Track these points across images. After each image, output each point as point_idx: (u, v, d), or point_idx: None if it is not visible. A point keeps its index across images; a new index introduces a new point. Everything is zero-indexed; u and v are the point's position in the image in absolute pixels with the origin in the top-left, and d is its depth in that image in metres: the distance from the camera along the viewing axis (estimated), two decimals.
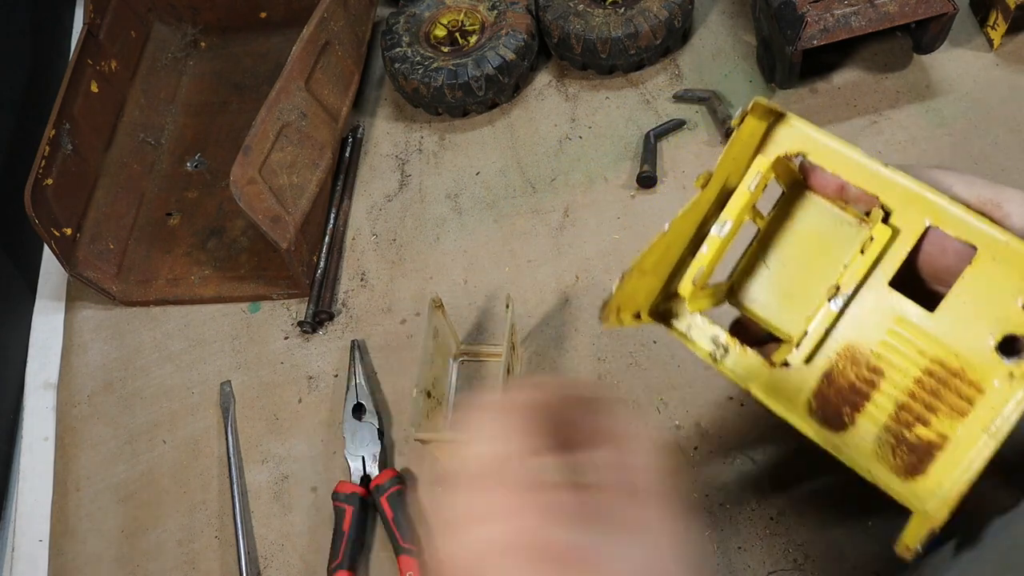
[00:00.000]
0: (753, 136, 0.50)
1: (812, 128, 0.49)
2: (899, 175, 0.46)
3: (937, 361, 0.46)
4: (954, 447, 0.45)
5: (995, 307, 0.45)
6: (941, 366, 0.46)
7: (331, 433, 0.74)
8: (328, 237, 0.83)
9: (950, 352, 0.46)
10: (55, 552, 0.73)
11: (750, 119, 0.49)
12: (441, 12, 0.90)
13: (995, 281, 0.45)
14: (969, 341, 0.46)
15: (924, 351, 0.47)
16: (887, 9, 0.75)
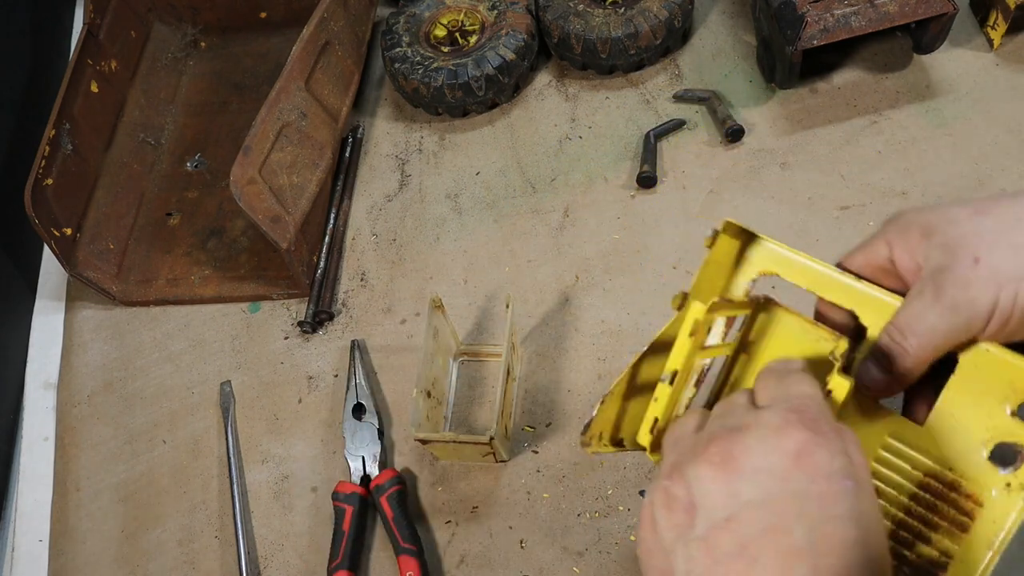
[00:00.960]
0: (727, 254, 0.49)
1: (783, 248, 0.49)
2: (873, 289, 0.46)
3: (931, 475, 0.45)
4: (959, 564, 0.44)
5: (983, 416, 0.44)
6: (936, 480, 0.45)
7: (331, 433, 0.74)
8: (328, 237, 0.83)
9: (944, 465, 0.45)
10: (55, 552, 0.73)
11: (723, 238, 0.48)
12: (441, 12, 0.90)
13: (980, 390, 0.44)
14: (961, 453, 0.45)
15: (918, 465, 0.46)
16: (887, 9, 0.75)
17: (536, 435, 0.71)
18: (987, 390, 0.44)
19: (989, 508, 0.43)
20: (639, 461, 0.68)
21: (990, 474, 0.44)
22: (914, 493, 0.45)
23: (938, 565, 0.44)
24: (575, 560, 0.65)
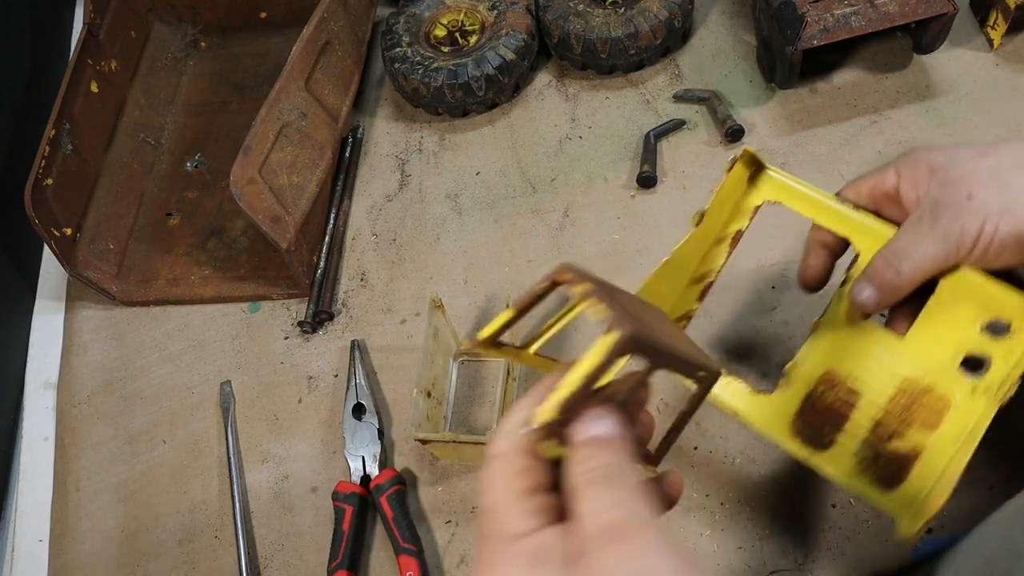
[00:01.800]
0: (740, 179, 0.58)
1: (788, 178, 0.58)
2: (868, 218, 0.55)
3: (908, 380, 0.53)
4: (929, 456, 0.51)
5: (957, 332, 0.52)
6: (912, 384, 0.52)
7: (331, 433, 0.74)
8: (328, 237, 0.83)
9: (919, 372, 0.53)
10: (55, 552, 0.73)
11: (739, 164, 0.57)
12: (441, 12, 0.90)
13: (956, 310, 0.52)
14: (936, 362, 0.52)
15: (896, 371, 0.53)
16: (887, 9, 0.75)
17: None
18: (962, 309, 0.52)
19: (956, 409, 0.51)
20: None
21: (959, 381, 0.52)
22: (892, 396, 0.53)
23: (910, 457, 0.51)
24: None
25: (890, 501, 0.50)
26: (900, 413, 0.52)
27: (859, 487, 0.51)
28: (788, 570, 0.62)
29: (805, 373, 0.55)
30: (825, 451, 0.53)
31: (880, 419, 0.53)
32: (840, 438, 0.53)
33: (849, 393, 0.54)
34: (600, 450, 0.34)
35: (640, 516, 0.32)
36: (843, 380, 0.54)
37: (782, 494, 0.65)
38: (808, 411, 0.54)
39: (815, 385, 0.55)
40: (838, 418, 0.53)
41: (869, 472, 0.52)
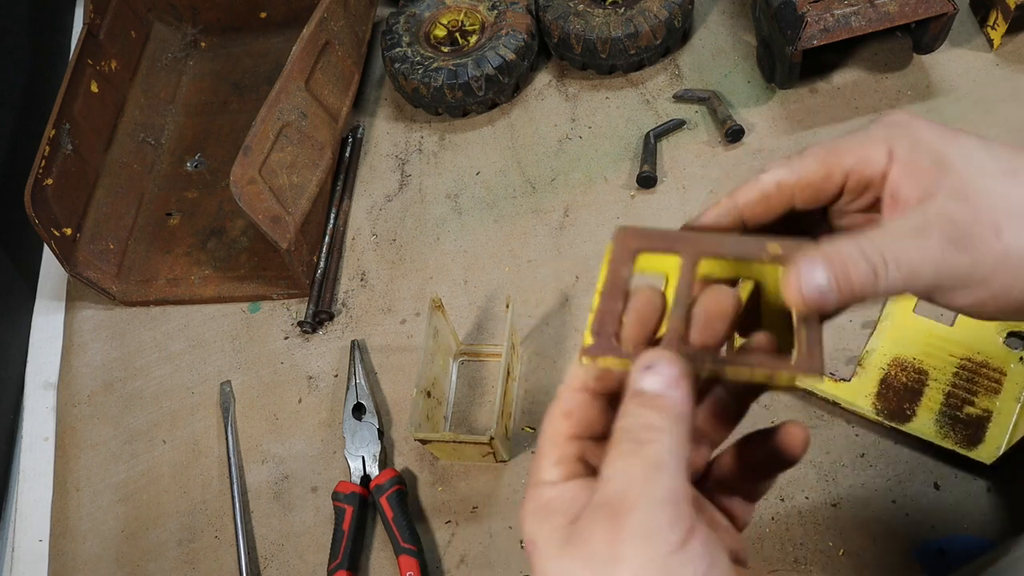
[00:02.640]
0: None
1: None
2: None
3: (965, 359, 0.66)
4: (999, 415, 0.63)
5: None
6: (969, 361, 0.66)
7: (331, 433, 0.74)
8: (328, 237, 0.83)
9: (972, 351, 0.66)
10: (55, 552, 0.73)
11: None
12: (441, 12, 0.90)
13: None
14: (984, 342, 0.66)
15: (953, 353, 0.66)
16: (887, 9, 0.75)
17: (536, 435, 0.71)
18: None
19: (1011, 375, 0.65)
20: None
21: (1008, 354, 0.65)
22: (955, 371, 0.65)
23: (984, 418, 0.63)
24: None
25: (979, 454, 0.62)
26: (966, 385, 0.65)
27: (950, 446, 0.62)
28: (788, 570, 0.62)
29: (877, 361, 0.67)
30: (909, 422, 0.64)
31: (950, 391, 0.65)
32: (920, 411, 0.65)
33: (919, 373, 0.66)
34: (644, 409, 0.31)
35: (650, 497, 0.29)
36: (911, 363, 0.67)
37: (782, 494, 0.65)
38: (886, 391, 0.66)
39: (888, 369, 0.67)
40: (914, 394, 0.65)
41: (951, 436, 0.63)
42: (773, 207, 0.38)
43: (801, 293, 0.34)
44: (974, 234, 0.34)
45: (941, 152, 0.36)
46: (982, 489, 0.63)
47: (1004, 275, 0.34)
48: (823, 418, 0.68)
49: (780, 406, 0.68)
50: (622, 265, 0.35)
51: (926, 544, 0.61)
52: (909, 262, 0.34)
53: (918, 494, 0.63)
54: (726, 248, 0.36)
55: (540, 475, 0.33)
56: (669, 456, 0.30)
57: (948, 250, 0.34)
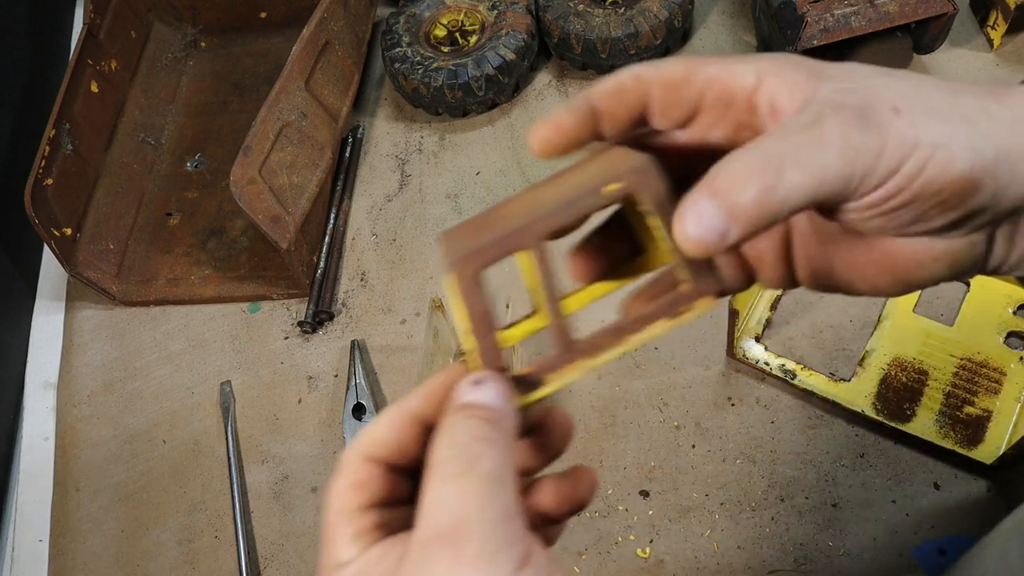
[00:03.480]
0: None
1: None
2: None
3: (965, 359, 0.66)
4: (999, 415, 0.64)
5: (993, 317, 0.67)
6: (970, 361, 0.66)
7: (331, 433, 0.74)
8: (328, 237, 0.83)
9: (972, 351, 0.67)
10: (55, 552, 0.73)
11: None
12: (441, 12, 0.90)
13: (987, 301, 0.68)
14: (984, 342, 0.67)
15: (953, 353, 0.67)
16: (887, 9, 0.75)
17: None
18: (993, 299, 0.68)
19: (1011, 375, 0.65)
20: (639, 461, 0.68)
21: (1008, 354, 0.66)
22: (955, 371, 0.66)
23: (984, 418, 0.64)
24: (575, 560, 0.65)
25: (979, 454, 0.62)
26: (966, 385, 0.65)
27: (950, 446, 0.63)
28: (788, 570, 0.62)
29: (877, 361, 0.68)
30: (909, 422, 0.65)
31: (950, 391, 0.65)
32: (920, 411, 0.65)
33: (919, 373, 0.67)
34: (473, 421, 0.29)
35: (489, 517, 0.27)
36: (911, 363, 0.67)
37: (782, 494, 0.65)
38: (886, 391, 0.66)
39: (888, 369, 0.67)
40: (914, 394, 0.66)
41: (951, 436, 0.63)
42: (628, 101, 0.33)
43: (694, 240, 0.29)
44: (872, 114, 0.30)
45: (813, 66, 0.32)
46: (982, 489, 0.63)
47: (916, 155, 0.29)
48: (823, 418, 0.68)
49: (780, 406, 0.68)
50: (474, 297, 0.32)
51: (926, 544, 0.61)
52: (809, 155, 0.29)
53: (918, 494, 0.63)
54: (562, 213, 0.33)
55: (336, 557, 0.29)
56: (502, 470, 0.28)
57: (850, 131, 0.29)
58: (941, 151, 0.29)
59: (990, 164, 0.29)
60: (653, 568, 0.64)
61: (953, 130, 0.29)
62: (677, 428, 0.69)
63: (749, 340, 0.70)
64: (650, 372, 0.72)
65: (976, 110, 0.30)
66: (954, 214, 0.30)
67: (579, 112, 0.34)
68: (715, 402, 0.70)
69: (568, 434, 0.35)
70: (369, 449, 0.31)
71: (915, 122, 0.30)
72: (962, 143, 0.29)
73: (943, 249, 0.32)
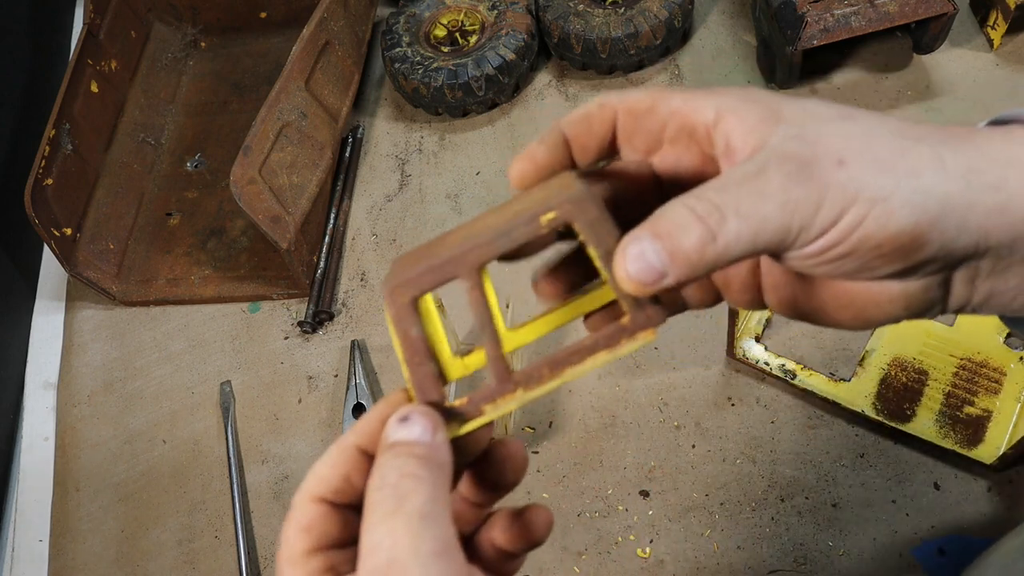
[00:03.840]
0: None
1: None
2: None
3: (965, 359, 0.66)
4: (998, 415, 0.64)
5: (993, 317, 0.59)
6: (970, 361, 0.66)
7: (331, 433, 0.74)
8: (328, 237, 0.83)
9: (972, 351, 0.66)
10: (55, 552, 0.73)
11: None
12: (441, 12, 0.90)
13: None
14: (984, 342, 0.66)
15: (953, 353, 0.67)
16: (887, 9, 0.75)
17: (536, 435, 0.71)
18: None
19: (1011, 375, 0.65)
20: (639, 461, 0.68)
21: (1008, 354, 0.66)
22: (955, 371, 0.66)
23: (984, 418, 0.64)
24: (575, 560, 0.65)
25: (979, 454, 0.62)
26: (966, 385, 0.66)
27: (950, 446, 0.63)
28: (788, 570, 0.62)
29: (877, 361, 0.68)
30: (909, 422, 0.65)
31: (950, 391, 0.65)
32: (920, 411, 0.65)
33: (919, 373, 0.67)
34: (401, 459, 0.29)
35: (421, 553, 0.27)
36: (911, 363, 0.67)
37: (782, 494, 0.65)
38: (886, 391, 0.66)
39: (888, 369, 0.67)
40: (914, 394, 0.66)
41: (951, 435, 0.64)
42: (595, 129, 0.34)
43: (633, 279, 0.30)
44: (815, 167, 0.30)
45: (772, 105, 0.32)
46: (982, 489, 0.63)
47: (855, 209, 0.30)
48: (823, 418, 0.68)
49: (780, 406, 0.68)
50: (409, 325, 0.32)
51: (926, 544, 0.61)
52: (750, 207, 0.30)
53: (918, 494, 0.63)
54: (498, 242, 0.32)
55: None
56: (433, 506, 0.28)
57: (790, 185, 0.30)
58: (880, 206, 0.29)
59: (935, 218, 0.30)
60: (653, 568, 0.64)
61: (895, 184, 0.30)
62: (677, 428, 0.69)
63: (749, 340, 0.70)
64: (650, 372, 0.72)
65: (927, 160, 0.30)
66: (899, 265, 0.31)
67: (550, 143, 0.35)
68: (715, 402, 0.70)
69: (521, 467, 0.34)
70: (315, 488, 0.31)
71: (857, 175, 0.30)
72: (903, 198, 0.30)
73: (899, 291, 0.32)
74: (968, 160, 0.31)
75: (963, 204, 0.30)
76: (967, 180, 0.30)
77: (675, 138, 0.34)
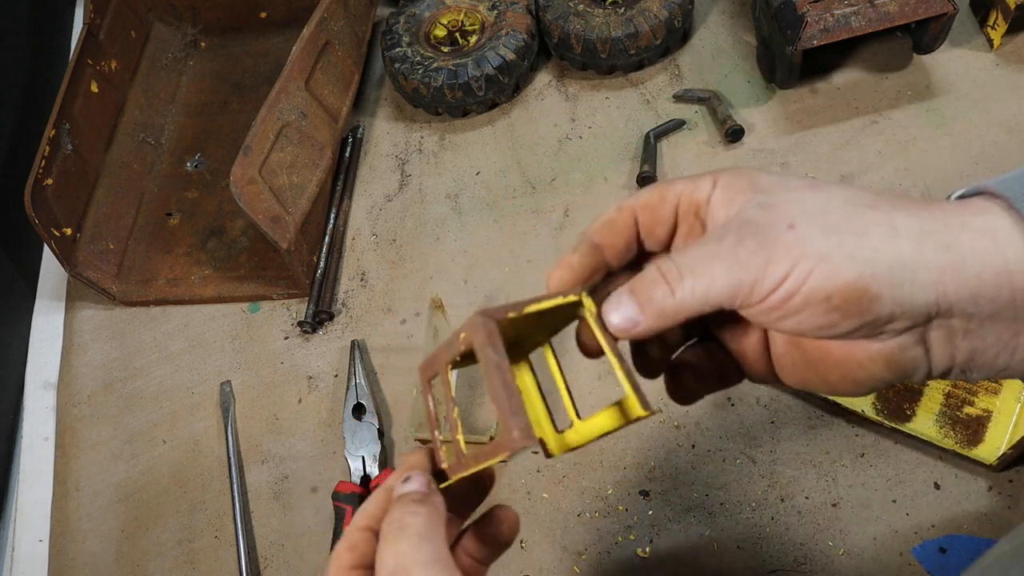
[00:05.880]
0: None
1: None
2: None
3: None
4: (998, 415, 0.63)
5: None
6: None
7: (331, 433, 0.74)
8: (328, 237, 0.83)
9: None
10: (55, 552, 0.73)
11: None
12: (441, 12, 0.90)
13: None
14: None
15: None
16: (887, 9, 0.75)
17: None
18: None
19: None
20: (639, 461, 0.68)
21: None
22: None
23: (983, 418, 0.63)
24: (575, 560, 0.65)
25: (979, 454, 0.62)
26: (966, 384, 0.65)
27: (950, 446, 0.63)
28: (788, 570, 0.62)
29: None
30: (909, 422, 0.65)
31: (950, 391, 0.65)
32: (919, 410, 0.65)
33: None
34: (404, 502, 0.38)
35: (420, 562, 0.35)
36: None
37: (782, 494, 0.65)
38: (886, 391, 0.65)
39: None
40: (914, 394, 0.65)
41: (951, 435, 0.63)
42: (619, 230, 0.40)
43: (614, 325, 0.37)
44: (768, 230, 0.35)
45: (758, 178, 0.38)
46: (982, 489, 0.63)
47: (802, 264, 0.34)
48: (823, 418, 0.68)
49: (780, 406, 0.68)
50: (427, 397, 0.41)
51: (926, 544, 0.61)
52: (702, 266, 0.35)
53: (918, 494, 0.63)
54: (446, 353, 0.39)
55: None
56: (428, 529, 0.36)
57: (739, 247, 0.35)
58: (825, 262, 0.33)
59: (883, 274, 0.33)
60: (653, 568, 0.64)
61: (839, 242, 0.34)
62: (677, 428, 0.69)
63: None
64: None
65: (876, 223, 0.34)
66: (857, 320, 0.34)
67: (583, 251, 0.40)
68: (715, 402, 0.70)
69: (515, 526, 0.42)
70: (361, 521, 0.40)
71: (804, 236, 0.34)
72: (846, 254, 0.33)
73: (877, 351, 0.35)
74: (920, 223, 0.34)
75: (913, 261, 0.33)
76: (917, 240, 0.34)
77: (684, 218, 0.39)
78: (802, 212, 0.35)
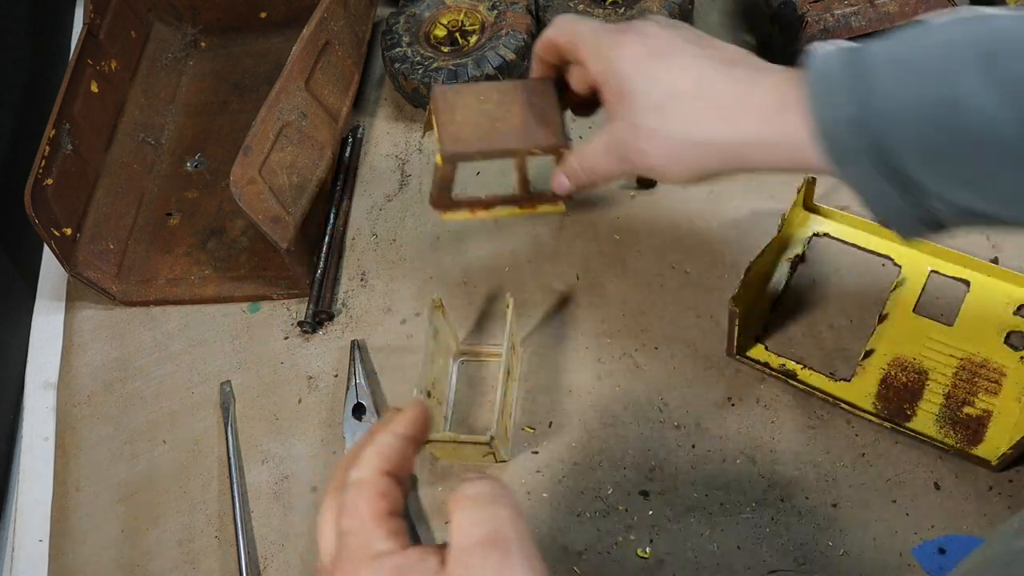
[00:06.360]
0: (799, 206, 0.78)
1: (837, 216, 0.75)
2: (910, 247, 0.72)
3: (965, 359, 0.66)
4: (998, 415, 0.64)
5: (995, 317, 0.67)
6: (969, 361, 0.66)
7: (331, 433, 0.74)
8: (328, 237, 0.83)
9: (972, 351, 0.67)
10: (55, 552, 0.73)
11: (804, 191, 0.73)
12: (441, 12, 0.90)
13: (988, 301, 0.68)
14: (984, 342, 0.67)
15: (953, 353, 0.67)
16: (887, 9, 0.75)
17: (536, 435, 0.71)
18: (993, 298, 0.68)
19: (1011, 375, 0.65)
20: (639, 461, 0.68)
21: (1008, 354, 0.66)
22: (955, 371, 0.66)
23: (983, 418, 0.64)
24: (575, 560, 0.65)
25: (979, 454, 0.63)
26: (966, 384, 0.65)
27: (950, 446, 0.63)
28: (788, 570, 0.62)
29: (877, 361, 0.68)
30: (909, 422, 0.65)
31: (950, 391, 0.65)
32: (919, 411, 0.65)
33: (919, 373, 0.67)
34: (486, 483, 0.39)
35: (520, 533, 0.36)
36: (911, 363, 0.67)
37: (782, 494, 0.65)
38: (886, 391, 0.66)
39: (888, 369, 0.67)
40: (914, 394, 0.66)
41: (951, 435, 0.64)
42: (550, 50, 0.60)
43: (558, 191, 0.63)
44: (619, 127, 0.55)
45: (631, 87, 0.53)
46: (982, 489, 0.63)
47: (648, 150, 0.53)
48: (823, 418, 0.68)
49: (780, 406, 0.69)
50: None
51: (926, 544, 0.61)
52: (592, 158, 0.58)
53: (918, 494, 0.63)
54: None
55: (376, 547, 0.38)
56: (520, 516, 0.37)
57: (611, 143, 0.56)
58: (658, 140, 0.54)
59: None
60: (653, 568, 0.64)
61: (663, 119, 0.54)
62: (677, 428, 0.69)
63: (749, 340, 0.70)
64: (650, 372, 0.72)
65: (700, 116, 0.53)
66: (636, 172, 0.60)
67: (536, 66, 0.63)
68: (715, 402, 0.70)
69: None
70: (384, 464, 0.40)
71: (646, 123, 0.53)
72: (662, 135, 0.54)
73: None
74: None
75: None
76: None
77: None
78: (645, 118, 0.53)
